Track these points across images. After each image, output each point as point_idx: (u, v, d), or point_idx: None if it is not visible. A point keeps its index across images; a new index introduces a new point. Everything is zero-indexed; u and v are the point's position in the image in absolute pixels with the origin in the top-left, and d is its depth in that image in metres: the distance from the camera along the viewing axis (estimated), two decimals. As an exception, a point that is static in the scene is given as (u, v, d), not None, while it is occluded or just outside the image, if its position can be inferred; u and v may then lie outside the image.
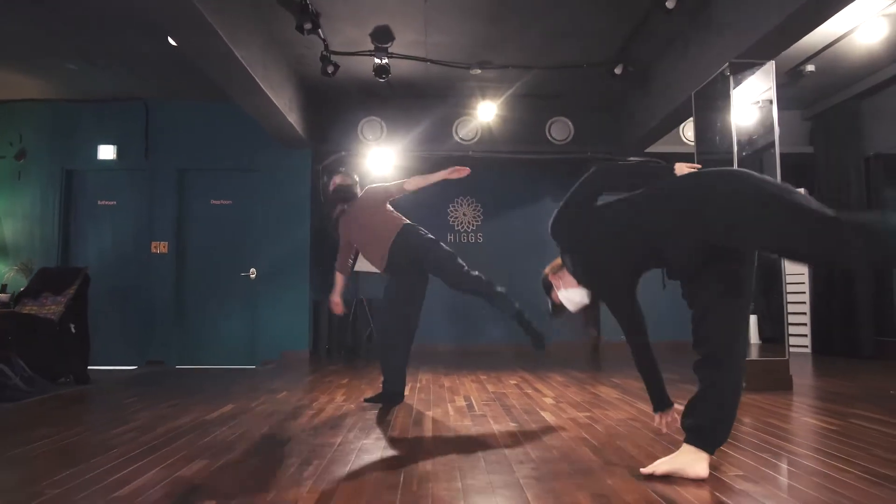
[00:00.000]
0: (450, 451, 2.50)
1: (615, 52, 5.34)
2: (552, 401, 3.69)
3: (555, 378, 4.74)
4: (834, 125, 6.48)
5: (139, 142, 6.50)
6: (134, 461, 2.35)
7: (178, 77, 5.83)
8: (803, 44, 5.14)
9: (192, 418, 3.24)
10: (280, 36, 5.00)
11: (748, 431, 2.79)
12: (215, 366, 6.23)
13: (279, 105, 5.23)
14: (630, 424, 2.97)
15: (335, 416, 3.28)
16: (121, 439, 2.75)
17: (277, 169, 6.51)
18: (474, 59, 5.54)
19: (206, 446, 2.59)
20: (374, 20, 4.86)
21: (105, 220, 6.53)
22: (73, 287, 5.10)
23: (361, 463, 2.31)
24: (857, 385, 4.31)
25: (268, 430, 2.93)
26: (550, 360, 6.26)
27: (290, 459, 2.37)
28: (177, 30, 3.93)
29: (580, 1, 4.58)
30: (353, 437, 2.74)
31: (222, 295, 6.48)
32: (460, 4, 4.61)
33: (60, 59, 5.48)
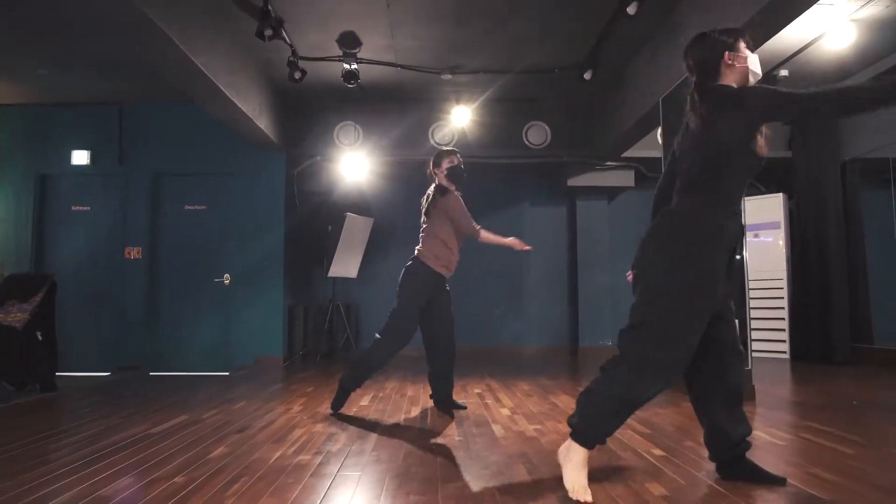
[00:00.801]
0: (383, 467, 2.47)
1: (585, 57, 5.31)
2: (508, 412, 3.65)
3: (521, 387, 4.70)
4: (811, 130, 6.45)
5: (113, 146, 6.47)
6: (61, 477, 2.33)
7: (151, 81, 5.79)
8: (776, 49, 5.11)
9: (140, 430, 3.21)
10: (247, 41, 4.97)
11: (691, 447, 2.76)
12: (189, 372, 6.21)
13: (246, 111, 5.20)
14: (576, 438, 2.93)
15: (284, 428, 3.25)
16: (59, 453, 2.72)
17: (252, 173, 6.48)
18: (444, 63, 5.50)
19: (141, 462, 2.56)
20: (338, 25, 4.83)
21: (79, 225, 6.51)
22: (39, 294, 5.06)
23: (288, 481, 2.28)
24: (823, 394, 4.28)
25: (210, 444, 2.90)
26: (527, 365, 6.23)
27: (219, 477, 2.34)
28: (132, 38, 3.90)
29: (545, 6, 4.55)
30: (293, 453, 2.71)
31: (197, 300, 6.45)
32: (423, 9, 4.58)
33: (31, 64, 5.45)
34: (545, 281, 7.52)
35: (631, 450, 2.72)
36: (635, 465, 2.47)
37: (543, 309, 7.46)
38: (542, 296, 7.51)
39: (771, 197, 6.93)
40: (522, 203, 7.56)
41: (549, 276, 7.53)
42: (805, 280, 6.47)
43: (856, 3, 4.39)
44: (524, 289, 7.52)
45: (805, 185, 6.53)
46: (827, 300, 6.15)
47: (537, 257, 7.55)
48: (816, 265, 6.33)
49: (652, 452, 2.67)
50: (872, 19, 4.60)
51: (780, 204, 6.83)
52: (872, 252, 6.22)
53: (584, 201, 7.33)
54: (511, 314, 7.47)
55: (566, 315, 7.47)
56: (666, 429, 3.15)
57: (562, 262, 7.57)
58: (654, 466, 2.43)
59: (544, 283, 7.52)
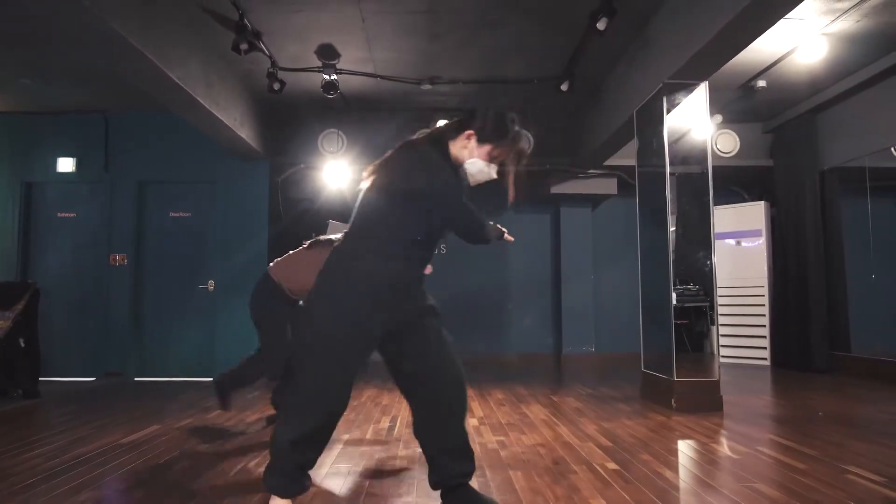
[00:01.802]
0: (338, 480, 2.51)
1: (563, 69, 5.35)
2: (476, 422, 3.70)
3: (495, 395, 4.75)
4: (791, 139, 6.50)
5: (99, 154, 6.51)
6: (17, 493, 2.37)
7: (134, 91, 5.84)
8: (751, 61, 5.17)
9: (109, 441, 3.26)
10: (225, 53, 5.01)
11: (648, 461, 2.81)
12: (174, 378, 6.25)
13: (227, 121, 5.25)
14: (536, 451, 2.99)
15: (252, 440, 3.30)
16: (23, 466, 2.77)
17: (236, 181, 6.53)
18: (423, 74, 5.55)
19: (102, 475, 2.61)
20: (317, 38, 4.87)
21: (64, 232, 6.55)
22: (21, 302, 5.11)
23: (242, 492, 2.33)
24: (794, 404, 4.33)
25: (175, 456, 2.95)
26: (506, 372, 6.28)
27: (173, 492, 2.38)
28: (106, 52, 3.94)
29: (518, 21, 4.60)
30: (254, 466, 2.76)
31: (181, 307, 6.49)
32: (398, 24, 4.62)
33: (13, 73, 5.50)
34: (529, 287, 7.57)
35: (585, 462, 2.77)
36: (585, 478, 2.52)
37: (527, 315, 7.51)
38: (526, 302, 7.56)
39: (753, 205, 6.98)
40: (508, 210, 7.60)
41: (532, 283, 7.58)
42: (785, 288, 6.52)
43: (826, 18, 4.43)
44: (508, 295, 7.57)
45: (785, 194, 6.58)
46: (806, 308, 6.20)
47: (521, 264, 7.60)
48: (796, 273, 6.38)
49: (605, 466, 2.71)
50: (843, 34, 4.65)
51: (761, 211, 6.88)
52: (850, 260, 6.27)
53: (567, 208, 7.38)
54: (495, 320, 7.51)
55: (550, 322, 7.51)
56: (627, 441, 3.20)
57: (546, 269, 7.62)
58: (604, 482, 2.48)
59: (528, 289, 7.57)
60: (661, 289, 4.30)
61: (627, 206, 7.50)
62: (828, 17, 4.41)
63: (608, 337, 7.31)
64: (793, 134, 6.46)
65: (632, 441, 3.20)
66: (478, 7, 4.41)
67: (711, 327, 6.23)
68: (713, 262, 4.27)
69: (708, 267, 4.31)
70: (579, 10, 4.38)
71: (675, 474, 2.59)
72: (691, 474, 2.62)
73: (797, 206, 6.41)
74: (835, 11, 4.34)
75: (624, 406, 4.27)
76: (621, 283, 7.45)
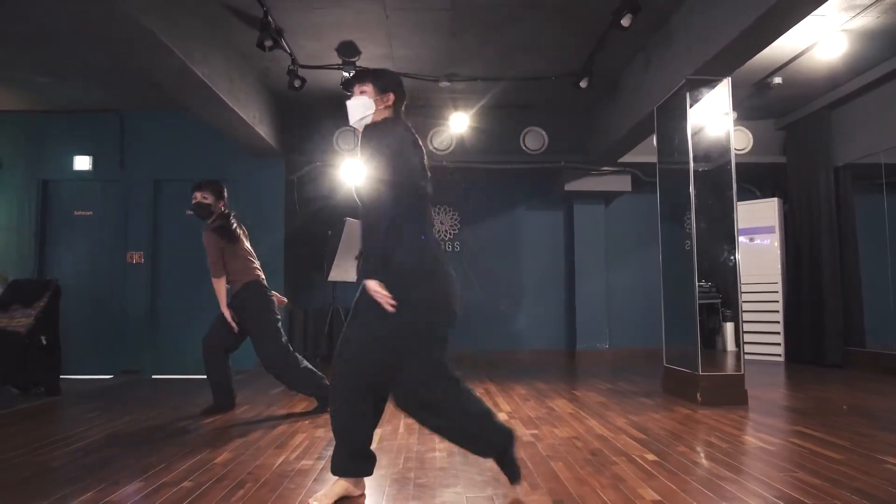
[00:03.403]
0: (384, 472, 2.54)
1: (581, 65, 5.38)
2: (505, 416, 3.73)
3: (518, 390, 4.78)
4: (805, 135, 6.53)
5: (115, 152, 6.53)
6: (72, 482, 2.39)
7: (150, 89, 5.86)
8: (768, 57, 5.20)
9: (143, 436, 3.28)
10: (244, 51, 5.04)
11: (684, 452, 2.84)
12: (190, 375, 6.26)
13: (247, 118, 5.27)
14: (572, 444, 3.01)
15: (286, 433, 3.32)
16: (63, 460, 2.79)
17: (251, 179, 6.55)
18: (441, 71, 5.58)
19: (147, 466, 2.63)
20: (337, 35, 4.90)
21: (81, 230, 6.57)
22: (43, 300, 5.13)
23: (292, 487, 2.35)
24: (814, 398, 4.36)
25: (214, 449, 2.97)
26: (522, 369, 6.31)
27: (224, 482, 2.41)
28: (132, 49, 3.96)
29: (537, 16, 4.62)
30: (295, 459, 2.79)
31: (197, 304, 6.49)
32: (420, 20, 4.65)
33: (30, 73, 5.51)
34: (542, 284, 7.60)
35: (623, 454, 2.79)
36: (627, 469, 2.54)
37: (541, 312, 7.53)
38: (540, 299, 7.58)
39: (766, 201, 7.01)
40: (520, 207, 7.63)
41: (546, 280, 7.61)
42: (799, 283, 6.55)
43: (847, 14, 4.46)
44: (522, 292, 7.60)
45: (798, 190, 6.61)
46: (820, 304, 6.23)
47: (535, 261, 7.62)
48: (810, 269, 6.42)
49: (644, 457, 2.74)
50: (863, 29, 4.68)
51: (774, 208, 6.91)
52: (865, 256, 6.31)
53: (581, 205, 7.41)
54: (509, 317, 7.54)
55: (563, 318, 7.54)
56: (658, 433, 3.23)
57: (559, 266, 7.64)
58: (646, 472, 2.51)
59: (542, 286, 7.60)
60: (685, 285, 4.33)
61: (640, 202, 7.55)
62: (848, 13, 4.44)
63: (622, 333, 7.34)
64: (807, 130, 6.50)
65: (663, 433, 3.23)
66: (498, 4, 4.44)
67: (724, 324, 6.29)
68: (737, 258, 4.30)
69: (732, 263, 4.33)
70: (598, 6, 4.41)
71: (715, 465, 2.62)
72: (731, 465, 2.64)
73: (811, 202, 6.45)
74: (855, 7, 4.37)
75: (647, 400, 4.30)
76: (635, 280, 7.48)
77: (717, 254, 4.72)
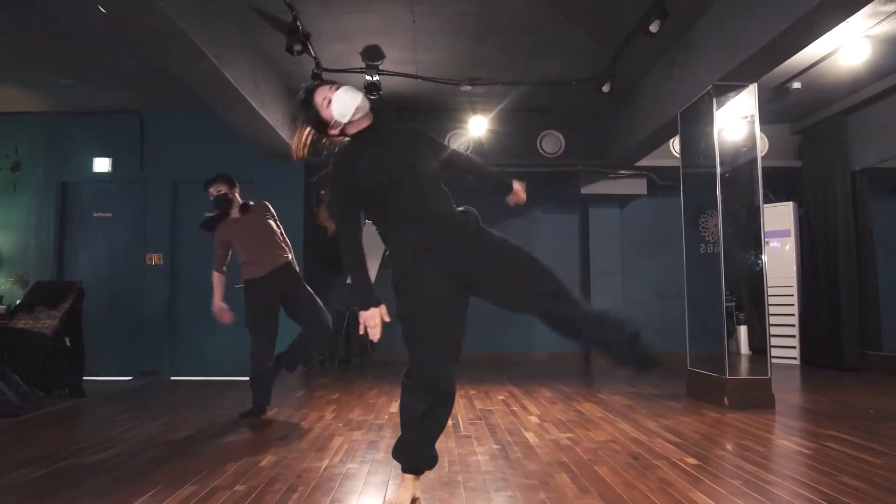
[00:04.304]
0: (432, 476, 2.56)
1: (602, 70, 5.41)
2: (537, 419, 3.76)
3: (543, 393, 4.81)
4: (821, 139, 6.56)
5: (134, 154, 6.55)
6: (122, 486, 2.42)
7: (171, 90, 5.88)
8: (789, 62, 5.19)
9: (181, 438, 3.30)
10: (270, 53, 5.06)
11: (723, 455, 2.87)
12: (209, 377, 6.29)
13: (271, 121, 5.30)
14: (610, 447, 3.04)
15: (323, 436, 3.35)
16: (111, 462, 2.81)
17: (270, 180, 6.56)
18: (463, 75, 5.60)
19: (195, 470, 2.66)
20: (361, 38, 4.92)
21: (100, 231, 6.59)
22: (67, 301, 5.16)
23: (345, 490, 2.38)
24: (838, 402, 4.39)
25: (255, 452, 2.99)
26: (541, 372, 6.34)
27: (275, 486, 2.43)
28: (162, 51, 3.99)
29: (563, 21, 4.65)
30: (339, 461, 2.81)
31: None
32: (446, 24, 4.68)
33: (53, 74, 5.54)
34: (557, 287, 7.61)
35: (663, 458, 2.82)
36: (671, 473, 2.57)
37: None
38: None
39: (781, 205, 7.04)
40: (535, 210, 7.65)
41: (561, 282, 7.62)
42: (815, 287, 6.58)
43: (872, 20, 4.50)
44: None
45: (815, 194, 6.65)
46: (836, 307, 6.26)
47: (550, 263, 7.61)
48: (826, 272, 6.45)
49: (685, 461, 2.77)
50: (887, 36, 4.71)
51: (790, 212, 6.95)
52: (882, 260, 6.34)
53: (596, 209, 7.44)
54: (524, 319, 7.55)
55: (578, 320, 7.55)
56: (693, 437, 3.26)
57: (574, 269, 7.67)
58: (692, 476, 2.53)
59: (556, 288, 7.61)
60: (707, 288, 4.36)
61: (655, 205, 7.57)
62: (873, 19, 4.47)
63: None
64: (823, 135, 6.53)
65: (697, 437, 3.26)
66: (525, 9, 4.47)
67: (738, 327, 6.32)
68: (763, 261, 4.34)
69: (759, 267, 4.37)
70: (623, 12, 4.44)
71: (757, 468, 2.65)
72: (773, 468, 2.67)
73: (827, 206, 6.48)
74: (880, 14, 4.40)
75: (673, 403, 4.32)
76: (650, 283, 7.50)
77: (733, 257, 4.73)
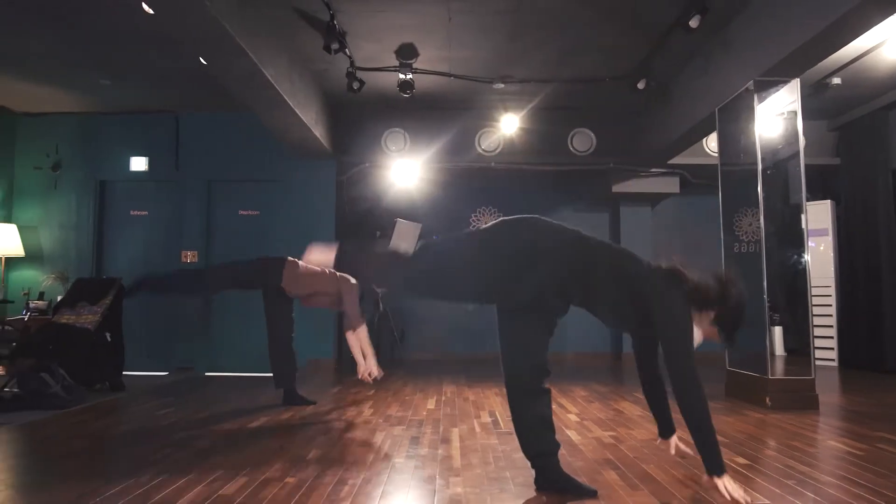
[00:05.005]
0: (478, 471, 2.57)
1: (635, 67, 5.37)
2: (576, 418, 3.74)
3: (578, 392, 4.78)
4: (861, 136, 6.43)
5: (170, 153, 6.67)
6: (176, 478, 2.46)
7: (205, 90, 5.98)
8: (830, 57, 5.12)
9: (225, 432, 3.35)
10: (304, 52, 5.12)
11: (773, 455, 2.83)
12: (242, 373, 6.36)
13: (305, 119, 5.35)
14: (654, 446, 3.00)
15: (365, 431, 3.37)
16: (160, 454, 2.86)
17: (302, 180, 6.64)
18: (496, 73, 5.60)
19: (244, 462, 2.69)
20: (396, 37, 4.95)
21: (137, 229, 6.72)
22: (108, 297, 5.26)
23: (394, 483, 2.39)
24: (883, 404, 4.30)
25: (301, 445, 3.02)
26: (572, 372, 6.30)
27: (325, 478, 2.45)
28: (206, 51, 4.05)
29: (597, 18, 4.63)
30: (384, 456, 2.83)
31: (249, 303, 6.54)
32: (481, 22, 4.68)
33: (94, 75, 5.66)
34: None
35: (712, 458, 2.78)
36: (723, 473, 2.53)
37: (586, 314, 7.49)
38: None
39: (818, 204, 6.91)
40: (566, 209, 7.62)
41: (591, 282, 7.58)
42: (853, 287, 6.45)
43: (918, 13, 4.38)
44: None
45: (853, 193, 6.52)
46: (877, 308, 6.13)
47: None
48: (866, 272, 6.32)
49: (733, 460, 2.73)
50: (933, 29, 4.60)
51: (827, 210, 6.82)
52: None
53: (627, 207, 7.38)
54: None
55: (608, 320, 7.50)
56: (738, 437, 3.21)
57: (604, 268, 7.61)
58: (743, 475, 2.50)
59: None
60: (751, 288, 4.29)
61: (687, 204, 7.50)
62: (921, 12, 4.36)
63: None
64: (862, 131, 6.40)
65: (742, 437, 3.21)
66: (559, 6, 4.45)
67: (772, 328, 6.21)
68: (806, 260, 4.27)
69: (801, 266, 4.29)
70: (659, 7, 4.40)
71: (809, 468, 2.60)
72: (828, 469, 2.62)
73: (866, 204, 6.35)
74: (928, 7, 4.29)
75: (713, 404, 4.22)
76: (681, 282, 7.41)
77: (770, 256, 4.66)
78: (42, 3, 4.30)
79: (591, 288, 2.20)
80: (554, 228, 2.26)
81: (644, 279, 2.15)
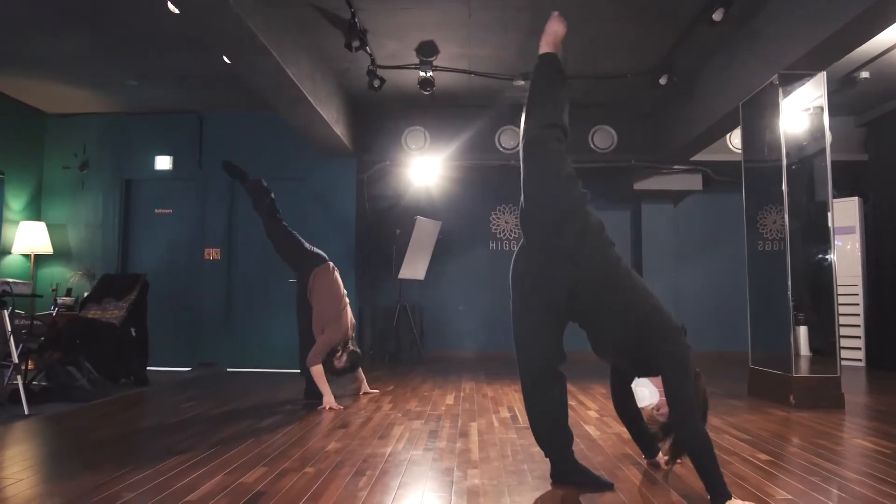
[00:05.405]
0: (496, 465, 2.56)
1: (658, 62, 5.31)
2: (596, 414, 3.71)
3: (598, 389, 4.75)
4: (891, 132, 6.28)
5: (193, 152, 6.77)
6: (197, 467, 2.50)
7: (228, 90, 6.06)
8: (858, 51, 5.00)
9: (247, 425, 3.39)
10: (326, 51, 5.15)
11: (797, 453, 2.78)
12: (264, 369, 6.44)
13: (327, 118, 5.39)
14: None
15: (383, 425, 3.39)
16: (183, 444, 2.91)
17: (323, 178, 6.69)
18: (516, 70, 5.58)
19: (263, 454, 2.73)
20: (417, 35, 4.96)
21: (161, 227, 6.83)
22: (133, 293, 5.37)
23: (412, 475, 2.40)
24: (913, 403, 4.20)
25: (319, 438, 3.05)
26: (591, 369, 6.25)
27: (343, 469, 2.47)
28: (230, 50, 4.11)
29: (619, 13, 4.58)
30: (402, 448, 2.84)
31: (271, 300, 6.68)
32: (502, 19, 4.67)
33: (122, 76, 5.77)
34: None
35: (734, 454, 2.75)
36: (744, 469, 2.50)
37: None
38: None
39: (845, 201, 6.77)
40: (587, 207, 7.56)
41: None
42: (881, 286, 6.31)
43: (949, 4, 4.27)
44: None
45: (882, 190, 6.37)
46: (907, 307, 5.99)
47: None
48: (894, 271, 6.17)
49: (757, 457, 2.69)
50: (966, 20, 4.47)
51: (854, 208, 6.67)
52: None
53: (649, 205, 7.30)
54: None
55: (629, 319, 7.44)
56: (761, 434, 3.16)
57: (625, 266, 7.55)
58: (765, 471, 2.46)
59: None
60: (774, 286, 4.23)
61: (710, 201, 7.41)
62: (952, 3, 4.25)
63: (691, 334, 7.19)
64: (893, 127, 6.25)
65: (766, 435, 3.16)
66: (581, 1, 4.42)
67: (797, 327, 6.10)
68: (833, 259, 4.19)
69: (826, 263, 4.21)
70: (680, 1, 4.34)
71: (835, 466, 2.55)
72: (853, 467, 2.57)
73: (895, 201, 6.20)
74: (960, -3, 4.18)
75: (735, 402, 4.21)
76: (704, 281, 7.33)
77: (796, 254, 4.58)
78: (73, 7, 4.40)
79: (604, 311, 2.32)
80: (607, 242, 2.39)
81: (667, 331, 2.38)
